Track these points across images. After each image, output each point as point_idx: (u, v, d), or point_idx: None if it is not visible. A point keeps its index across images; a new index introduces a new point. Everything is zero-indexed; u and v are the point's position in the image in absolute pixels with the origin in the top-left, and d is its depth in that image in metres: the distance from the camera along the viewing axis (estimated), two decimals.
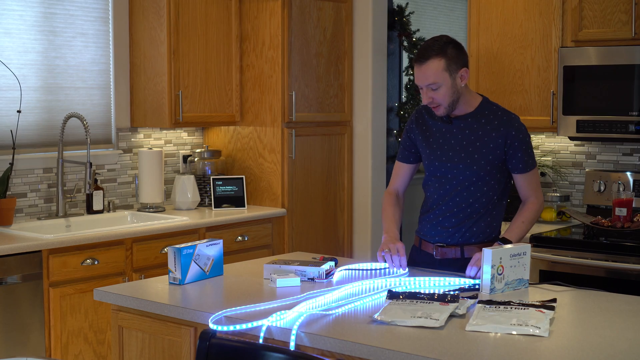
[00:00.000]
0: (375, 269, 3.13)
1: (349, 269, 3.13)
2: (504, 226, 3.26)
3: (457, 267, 3.11)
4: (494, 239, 3.19)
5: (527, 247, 2.88)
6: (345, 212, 5.44)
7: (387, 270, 3.10)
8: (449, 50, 3.04)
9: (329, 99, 5.30)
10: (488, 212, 3.16)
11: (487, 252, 2.77)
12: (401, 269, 3.05)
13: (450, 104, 3.08)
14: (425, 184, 3.27)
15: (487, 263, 2.77)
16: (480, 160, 3.11)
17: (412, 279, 2.96)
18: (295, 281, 2.87)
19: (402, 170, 3.36)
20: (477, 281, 2.88)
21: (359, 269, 3.14)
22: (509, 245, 2.86)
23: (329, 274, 2.98)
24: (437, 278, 2.95)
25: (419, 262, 3.24)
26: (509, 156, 3.12)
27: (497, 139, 3.10)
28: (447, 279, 2.95)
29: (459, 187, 3.15)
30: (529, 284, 2.90)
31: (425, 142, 3.22)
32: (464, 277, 2.96)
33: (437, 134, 3.20)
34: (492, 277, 2.77)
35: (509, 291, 2.81)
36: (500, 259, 2.78)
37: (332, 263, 3.03)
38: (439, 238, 3.19)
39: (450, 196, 3.17)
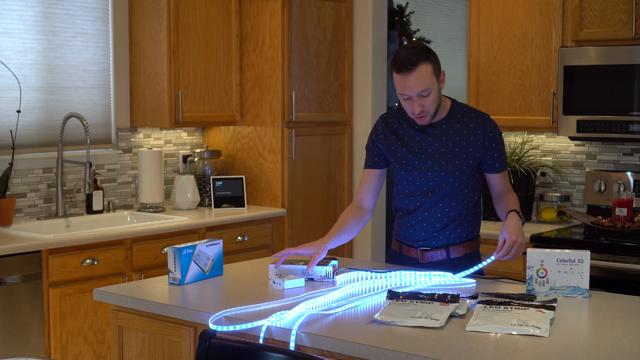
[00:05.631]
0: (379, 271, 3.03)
1: (353, 270, 3.06)
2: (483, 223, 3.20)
3: (444, 268, 3.03)
4: (476, 236, 3.17)
5: (585, 254, 2.74)
6: None
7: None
8: (430, 54, 2.95)
9: (329, 99, 5.30)
10: (469, 212, 3.12)
11: (528, 253, 2.76)
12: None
13: (435, 111, 3.00)
14: (402, 191, 3.13)
15: (527, 264, 2.76)
16: (461, 165, 3.05)
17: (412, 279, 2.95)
18: (300, 282, 2.87)
19: (371, 177, 3.18)
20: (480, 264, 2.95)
21: (367, 270, 3.04)
22: (566, 250, 2.76)
23: (335, 273, 2.98)
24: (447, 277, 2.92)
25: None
26: (486, 157, 3.08)
27: (475, 142, 3.05)
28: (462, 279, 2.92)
29: (442, 193, 3.06)
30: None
31: (399, 152, 3.09)
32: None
33: (411, 143, 3.08)
34: (531, 279, 2.75)
35: (558, 297, 2.73)
36: (542, 261, 2.74)
37: (335, 262, 3.03)
38: (423, 243, 3.11)
39: (433, 203, 3.07)
